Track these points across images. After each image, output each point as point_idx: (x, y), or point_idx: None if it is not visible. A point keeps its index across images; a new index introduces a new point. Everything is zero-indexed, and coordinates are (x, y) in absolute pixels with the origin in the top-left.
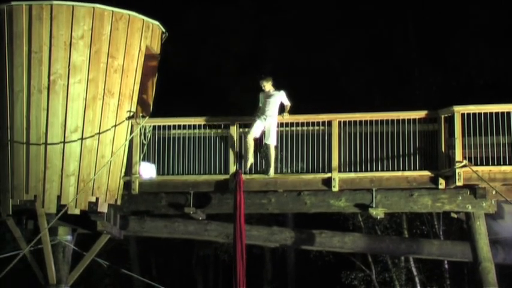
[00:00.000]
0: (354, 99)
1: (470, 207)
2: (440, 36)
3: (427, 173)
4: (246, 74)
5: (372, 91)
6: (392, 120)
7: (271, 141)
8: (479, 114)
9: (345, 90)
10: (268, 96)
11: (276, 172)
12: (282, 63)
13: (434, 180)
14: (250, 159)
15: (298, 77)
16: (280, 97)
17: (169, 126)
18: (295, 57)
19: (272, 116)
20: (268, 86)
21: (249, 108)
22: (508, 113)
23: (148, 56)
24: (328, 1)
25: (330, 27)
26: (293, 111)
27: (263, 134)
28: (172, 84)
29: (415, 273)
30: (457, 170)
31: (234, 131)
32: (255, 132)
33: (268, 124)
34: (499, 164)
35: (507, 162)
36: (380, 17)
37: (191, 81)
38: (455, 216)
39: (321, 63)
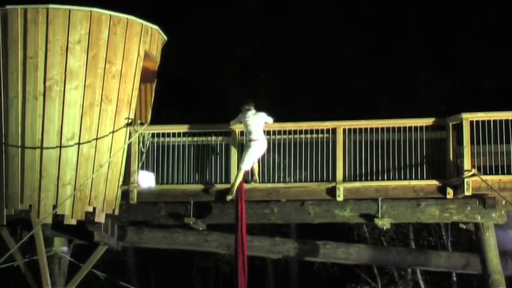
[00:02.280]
0: (358, 104)
1: (479, 218)
2: (448, 39)
3: (434, 182)
4: (248, 79)
5: (377, 96)
6: (399, 128)
7: (247, 166)
8: (489, 121)
9: (349, 95)
10: (251, 117)
11: (278, 181)
12: (285, 68)
13: (442, 190)
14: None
15: (301, 81)
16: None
17: (168, 134)
18: (298, 61)
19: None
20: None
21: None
22: None
23: (147, 61)
24: (331, 3)
25: (332, 30)
26: (296, 118)
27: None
28: (171, 90)
29: (422, 286)
30: (466, 179)
31: (235, 138)
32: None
33: (259, 147)
34: (509, 173)
35: None
36: (384, 19)
37: (191, 86)
38: (464, 227)
39: (323, 67)
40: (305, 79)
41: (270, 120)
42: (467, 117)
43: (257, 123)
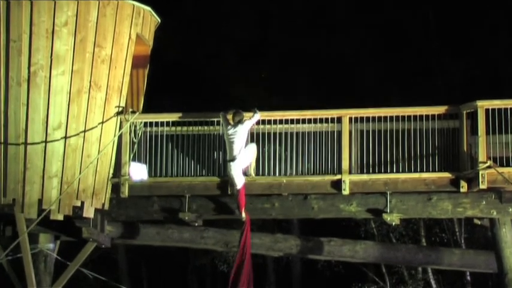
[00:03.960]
0: (367, 93)
1: (495, 213)
2: (464, 22)
3: (447, 174)
4: (248, 65)
5: (386, 83)
6: (409, 117)
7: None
8: (505, 109)
9: (357, 83)
10: (234, 131)
11: (280, 174)
12: (288, 53)
13: (455, 183)
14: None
15: (305, 68)
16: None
17: (162, 123)
18: (302, 46)
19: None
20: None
21: (252, 103)
22: None
23: (139, 45)
24: None
25: (342, 12)
26: (299, 106)
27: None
28: (165, 77)
29: (434, 285)
30: (481, 172)
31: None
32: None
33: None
34: None
35: None
36: (396, 1)
37: (186, 72)
38: (479, 222)
39: (330, 53)
40: (310, 65)
41: (256, 117)
42: (483, 104)
43: (241, 134)
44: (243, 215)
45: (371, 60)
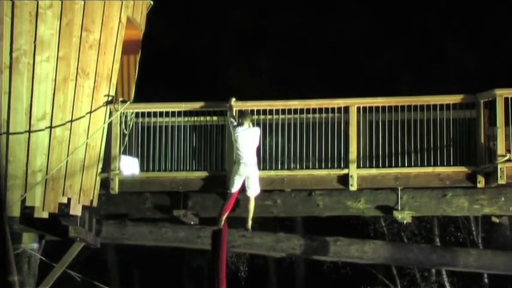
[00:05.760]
0: (376, 81)
1: None
2: (479, 5)
3: (463, 169)
4: (247, 53)
5: (396, 71)
6: (422, 106)
7: (254, 192)
8: None
9: (365, 70)
10: (246, 134)
11: (282, 168)
12: (290, 40)
13: (471, 178)
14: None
15: (309, 56)
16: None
17: (155, 113)
18: (305, 32)
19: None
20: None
21: (250, 92)
22: None
23: (130, 30)
24: None
25: None
26: (304, 95)
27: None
28: (158, 63)
29: None
30: (499, 166)
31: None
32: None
33: (251, 171)
34: None
35: None
36: None
37: (181, 59)
38: (497, 220)
39: (335, 39)
40: (314, 52)
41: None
42: (501, 93)
43: (247, 142)
44: (222, 223)
45: (380, 46)
